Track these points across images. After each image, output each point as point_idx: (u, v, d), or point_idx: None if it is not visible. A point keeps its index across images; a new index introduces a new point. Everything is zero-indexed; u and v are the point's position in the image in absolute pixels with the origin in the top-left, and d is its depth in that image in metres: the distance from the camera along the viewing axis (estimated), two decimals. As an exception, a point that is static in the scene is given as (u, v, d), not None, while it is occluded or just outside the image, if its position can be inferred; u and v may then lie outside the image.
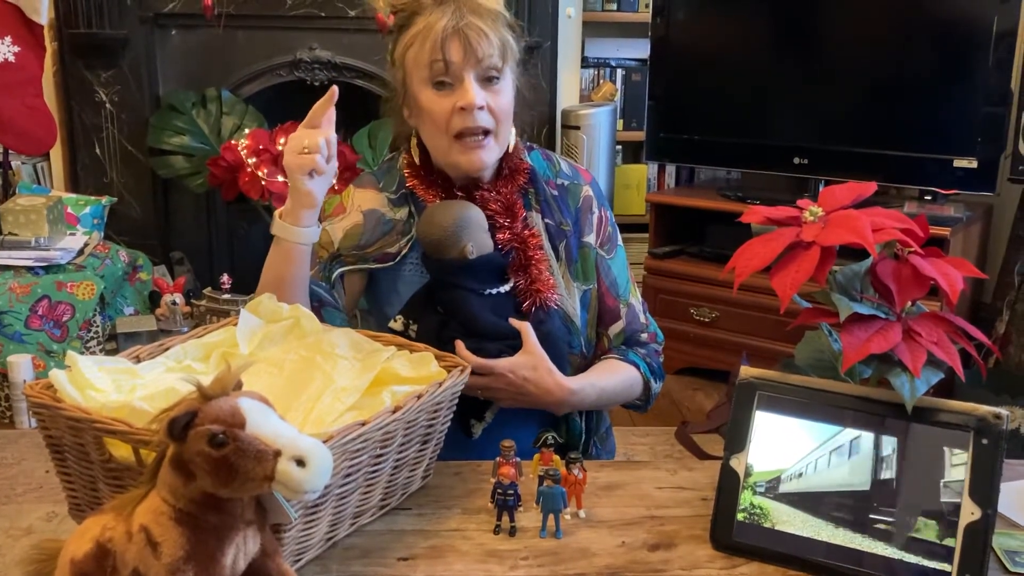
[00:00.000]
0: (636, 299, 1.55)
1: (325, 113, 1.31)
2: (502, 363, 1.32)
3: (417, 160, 1.47)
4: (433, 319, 1.38)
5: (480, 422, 1.38)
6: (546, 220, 1.47)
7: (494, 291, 1.38)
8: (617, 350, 1.51)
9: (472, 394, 1.32)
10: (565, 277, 1.46)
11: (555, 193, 1.50)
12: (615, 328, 1.51)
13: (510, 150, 1.47)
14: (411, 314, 1.40)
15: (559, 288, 1.44)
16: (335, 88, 1.33)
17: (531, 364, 1.35)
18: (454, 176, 1.45)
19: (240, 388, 0.88)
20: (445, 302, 1.38)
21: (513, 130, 1.46)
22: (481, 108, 1.37)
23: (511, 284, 1.40)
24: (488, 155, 1.41)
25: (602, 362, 1.49)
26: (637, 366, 1.49)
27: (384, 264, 1.45)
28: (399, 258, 1.45)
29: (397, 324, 1.41)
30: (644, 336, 1.54)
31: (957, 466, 1.02)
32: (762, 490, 1.09)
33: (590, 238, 1.50)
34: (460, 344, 1.31)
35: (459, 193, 1.44)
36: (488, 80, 1.39)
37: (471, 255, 1.36)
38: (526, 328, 1.36)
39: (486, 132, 1.39)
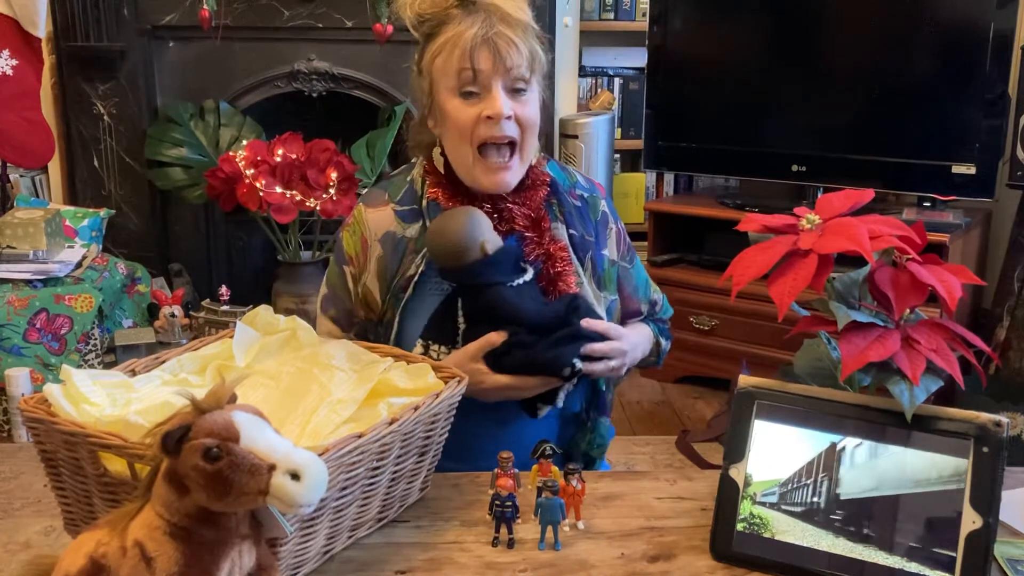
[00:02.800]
0: (657, 295, 1.61)
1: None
2: (621, 328, 1.42)
3: (441, 169, 1.46)
4: (470, 333, 1.37)
5: (548, 405, 1.39)
6: (571, 231, 1.47)
7: (519, 281, 1.37)
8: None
9: (607, 369, 1.38)
10: (592, 287, 1.47)
11: (577, 204, 1.50)
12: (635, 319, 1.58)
13: (533, 163, 1.46)
14: (431, 335, 1.40)
15: (588, 297, 1.45)
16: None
17: (617, 324, 1.44)
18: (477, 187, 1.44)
19: (235, 401, 0.87)
20: (480, 308, 1.37)
21: (537, 145, 1.46)
22: (508, 118, 1.36)
23: (531, 271, 1.40)
24: (512, 176, 1.40)
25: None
26: (648, 326, 1.57)
27: (408, 291, 1.43)
28: (418, 276, 1.43)
29: (418, 349, 1.40)
30: (655, 318, 1.61)
31: (957, 474, 1.02)
32: (762, 500, 1.09)
33: (607, 251, 1.51)
34: (591, 322, 1.36)
35: (486, 205, 1.43)
36: (515, 90, 1.38)
37: (491, 251, 1.35)
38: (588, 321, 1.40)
39: (511, 144, 1.38)
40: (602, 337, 1.37)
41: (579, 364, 1.32)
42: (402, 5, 1.43)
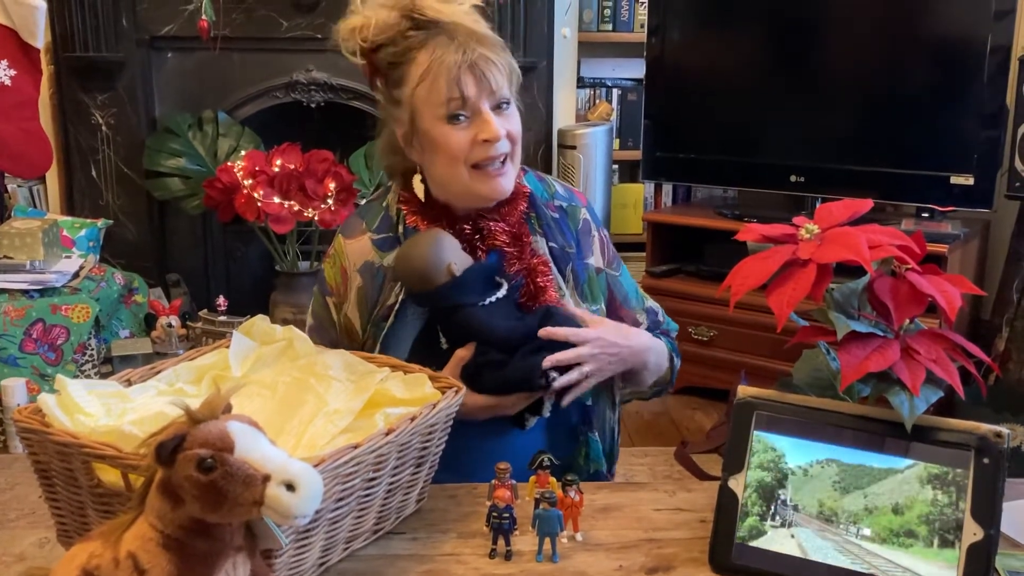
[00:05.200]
0: (652, 302, 1.58)
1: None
2: (590, 330, 1.36)
3: (422, 197, 1.44)
4: (452, 353, 1.37)
5: (535, 415, 1.39)
6: (550, 244, 1.47)
7: (493, 299, 1.37)
8: None
9: (581, 377, 1.34)
10: (575, 298, 1.46)
11: (555, 216, 1.49)
12: None
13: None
14: (415, 359, 1.39)
15: (569, 307, 1.44)
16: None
17: (613, 325, 1.41)
18: (459, 208, 1.43)
19: (230, 411, 0.87)
20: (454, 330, 1.38)
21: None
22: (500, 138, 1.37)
23: (506, 287, 1.39)
24: (508, 181, 1.40)
25: None
26: (663, 340, 1.53)
27: (389, 320, 1.43)
28: (398, 304, 1.42)
29: None
30: (660, 330, 1.57)
31: (958, 486, 1.01)
32: (761, 511, 1.08)
33: (591, 260, 1.50)
34: (549, 330, 1.33)
35: (466, 226, 1.43)
36: (499, 107, 1.38)
37: (457, 272, 1.36)
38: (580, 312, 1.40)
39: (503, 158, 1.39)
40: (571, 344, 1.35)
41: (552, 375, 1.32)
42: (343, 37, 1.41)
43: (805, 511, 1.06)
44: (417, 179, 1.45)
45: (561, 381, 1.33)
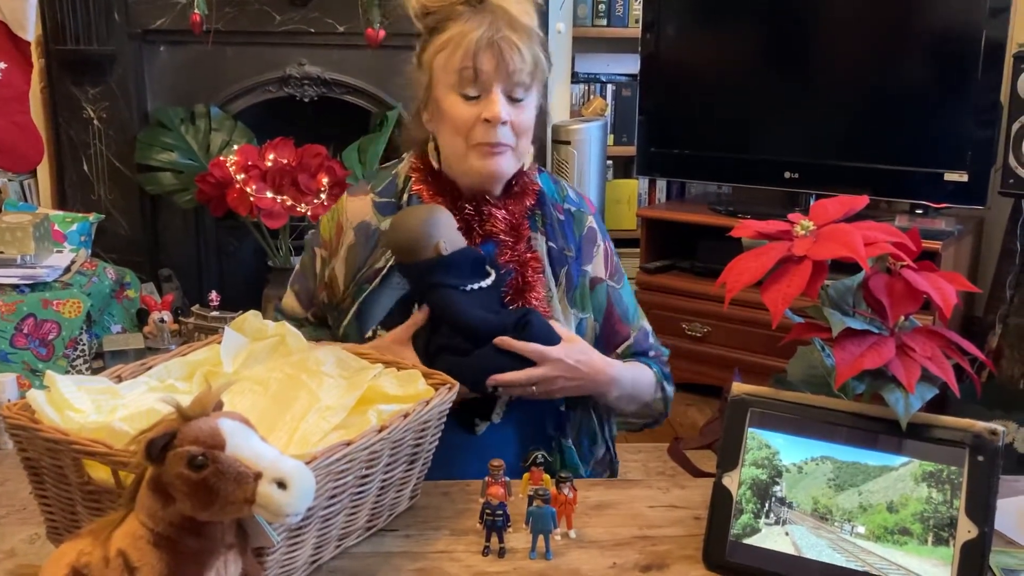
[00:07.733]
0: (646, 323, 1.56)
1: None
2: (555, 349, 1.33)
3: (435, 164, 1.45)
4: (422, 329, 1.36)
5: (485, 421, 1.38)
6: (550, 244, 1.46)
7: (476, 286, 1.36)
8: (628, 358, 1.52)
9: (526, 393, 1.33)
10: (563, 303, 1.45)
11: (561, 218, 1.49)
12: (622, 348, 1.51)
13: (525, 167, 1.46)
14: (386, 325, 1.39)
15: (556, 314, 1.43)
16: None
17: (579, 347, 1.37)
18: (464, 186, 1.43)
19: (221, 408, 0.86)
20: (429, 306, 1.36)
21: (531, 149, 1.45)
22: (504, 123, 1.36)
23: (493, 277, 1.38)
24: (506, 164, 1.40)
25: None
26: (649, 367, 1.50)
27: (374, 283, 1.44)
28: (386, 270, 1.43)
29: (368, 335, 1.41)
30: (651, 353, 1.55)
31: (952, 483, 1.01)
32: (755, 509, 1.07)
33: (590, 268, 1.49)
34: (509, 342, 1.31)
35: (468, 206, 1.43)
36: (514, 97, 1.38)
37: (445, 251, 1.34)
38: (554, 323, 1.37)
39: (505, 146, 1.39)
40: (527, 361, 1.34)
41: (500, 390, 1.32)
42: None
43: (799, 508, 1.06)
44: (431, 147, 1.46)
45: (505, 392, 1.33)
